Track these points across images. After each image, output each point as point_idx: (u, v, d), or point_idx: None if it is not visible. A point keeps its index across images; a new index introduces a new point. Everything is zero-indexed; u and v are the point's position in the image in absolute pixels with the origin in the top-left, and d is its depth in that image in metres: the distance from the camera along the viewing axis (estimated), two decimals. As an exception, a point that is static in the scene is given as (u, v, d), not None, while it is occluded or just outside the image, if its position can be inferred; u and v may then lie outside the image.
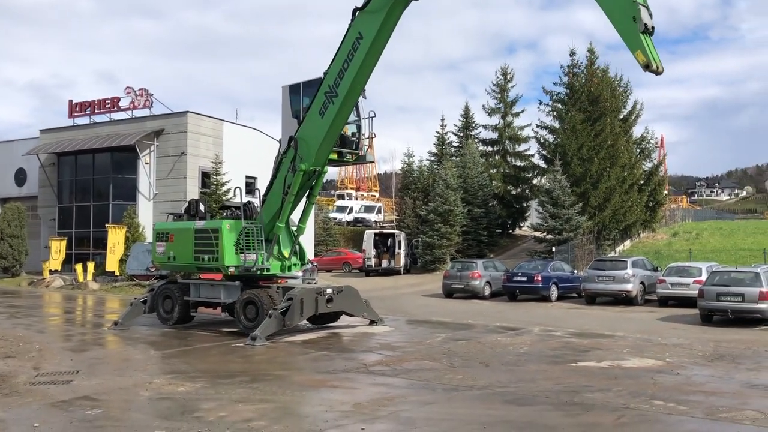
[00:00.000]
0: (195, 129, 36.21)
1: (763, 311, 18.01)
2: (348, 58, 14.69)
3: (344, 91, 14.82)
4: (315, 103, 15.40)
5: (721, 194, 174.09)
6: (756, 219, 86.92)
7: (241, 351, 14.00)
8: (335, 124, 15.37)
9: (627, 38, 11.08)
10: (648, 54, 10.87)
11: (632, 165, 40.67)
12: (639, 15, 10.81)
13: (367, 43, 14.42)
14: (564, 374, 11.46)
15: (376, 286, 31.96)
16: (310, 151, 15.62)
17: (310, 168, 15.82)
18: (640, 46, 10.91)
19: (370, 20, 14.35)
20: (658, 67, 11.01)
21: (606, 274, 24.49)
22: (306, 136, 15.68)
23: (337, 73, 14.89)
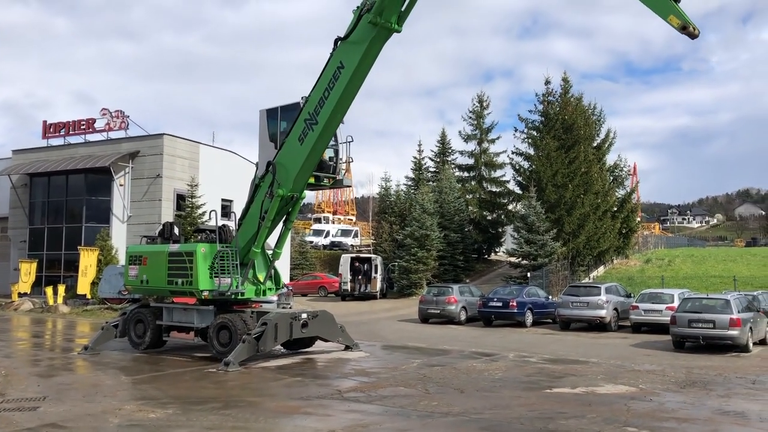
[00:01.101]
0: (171, 151, 36.00)
1: (733, 338, 18.26)
2: (329, 87, 14.66)
3: (324, 119, 14.79)
4: (294, 130, 15.38)
5: (692, 221, 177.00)
6: (726, 246, 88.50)
7: (214, 376, 13.80)
8: (314, 151, 15.34)
9: (656, 6, 10.64)
10: (682, 15, 10.42)
11: (605, 192, 41.24)
12: None
13: (348, 73, 14.40)
14: (538, 400, 11.47)
15: (352, 311, 31.80)
16: (288, 177, 15.58)
17: (288, 194, 15.78)
18: (672, 9, 10.46)
19: (352, 50, 14.34)
20: (694, 29, 10.43)
21: (580, 300, 24.69)
22: (284, 162, 15.65)
23: (318, 101, 14.86)
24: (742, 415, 10.40)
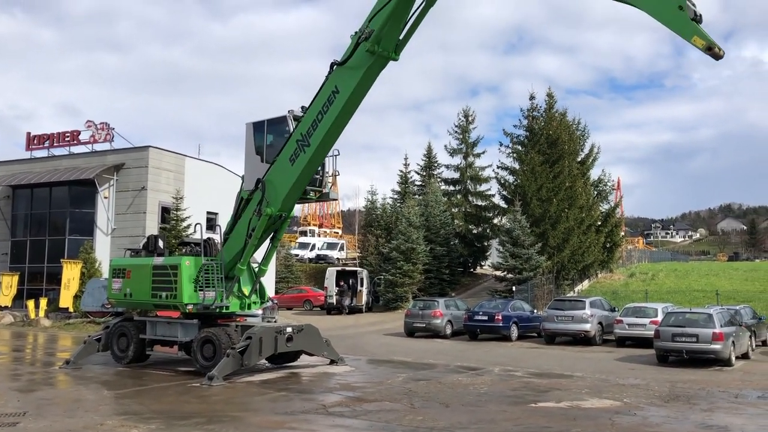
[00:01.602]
0: (156, 164, 35.83)
1: (716, 352, 18.39)
2: (323, 110, 14.57)
3: (317, 142, 14.72)
4: (286, 149, 15.29)
5: (675, 236, 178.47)
6: (709, 261, 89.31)
7: (198, 391, 13.68)
8: (305, 172, 15.30)
9: (678, 27, 10.28)
10: (706, 36, 10.05)
11: (590, 206, 41.57)
12: (684, 3, 10.19)
13: (343, 98, 14.33)
14: (524, 415, 11.48)
15: (338, 325, 31.70)
16: (277, 197, 15.51)
17: (276, 213, 15.74)
18: (696, 30, 10.10)
19: (348, 76, 14.27)
20: (719, 50, 10.06)
21: (565, 313, 24.78)
22: (274, 181, 15.55)
23: (311, 123, 14.77)
24: (725, 429, 10.47)
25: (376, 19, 13.75)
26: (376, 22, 13.72)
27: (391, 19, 13.65)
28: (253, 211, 15.80)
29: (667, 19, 10.39)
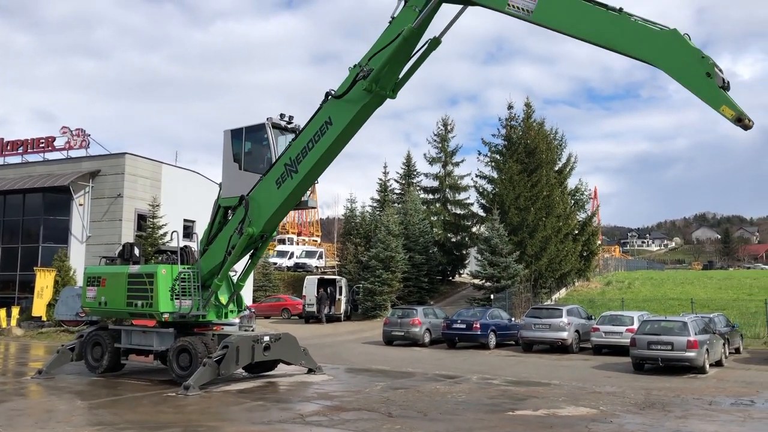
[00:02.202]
0: (132, 171, 35.48)
1: (691, 359, 18.61)
2: (314, 139, 14.42)
3: (305, 170, 14.61)
4: (273, 171, 15.14)
5: (651, 245, 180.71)
6: (684, 269, 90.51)
7: (174, 401, 13.52)
8: (291, 198, 15.24)
9: (706, 96, 9.92)
10: (735, 107, 9.71)
11: (567, 215, 41.95)
12: (712, 70, 9.85)
13: (335, 131, 14.20)
14: (501, 423, 11.51)
15: (316, 333, 31.57)
16: (260, 218, 15.36)
17: (258, 233, 15.62)
18: (725, 100, 9.76)
19: (343, 110, 14.11)
20: (749, 121, 9.74)
21: (542, 322, 24.92)
22: (259, 200, 15.37)
23: (301, 150, 14.61)
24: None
25: (376, 59, 13.56)
26: (376, 62, 13.53)
27: (391, 61, 13.51)
28: (234, 228, 15.63)
29: (694, 87, 10.04)
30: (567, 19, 11.36)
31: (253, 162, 16.09)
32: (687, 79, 10.13)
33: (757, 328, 29.07)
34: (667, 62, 10.31)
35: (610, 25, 10.85)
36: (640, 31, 10.56)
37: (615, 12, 10.84)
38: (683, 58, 10.13)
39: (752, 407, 13.49)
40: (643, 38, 10.51)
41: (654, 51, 10.43)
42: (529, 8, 11.58)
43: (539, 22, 11.59)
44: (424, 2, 13.22)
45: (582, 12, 11.10)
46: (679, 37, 10.18)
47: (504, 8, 11.91)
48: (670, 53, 10.24)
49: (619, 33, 10.77)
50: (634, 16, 10.71)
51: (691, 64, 10.03)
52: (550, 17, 11.52)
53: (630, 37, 10.66)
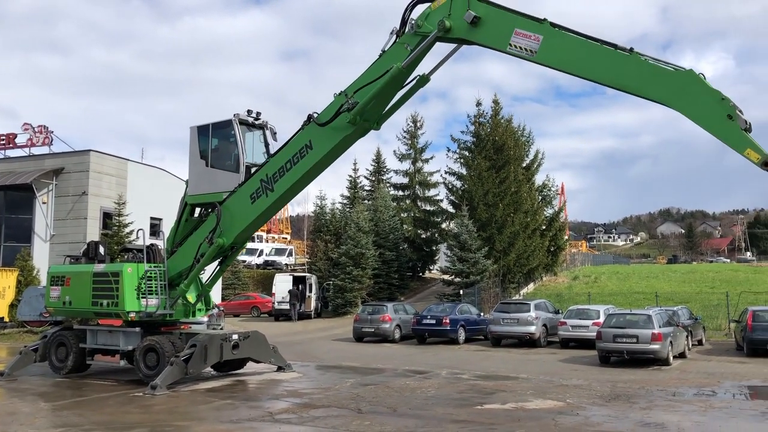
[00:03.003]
0: (97, 168, 34.86)
1: (655, 352, 18.97)
2: (293, 160, 14.13)
3: (281, 190, 14.40)
4: (249, 185, 14.90)
5: (617, 240, 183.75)
6: (649, 263, 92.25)
7: (140, 401, 13.34)
8: (264, 215, 15.11)
9: (729, 140, 9.36)
10: (761, 150, 9.12)
11: (535, 211, 42.44)
12: (734, 112, 9.29)
13: (315, 157, 13.92)
14: (470, 417, 11.60)
15: (286, 331, 31.46)
16: (232, 229, 15.14)
17: (228, 245, 15.42)
18: (749, 143, 9.19)
19: (325, 137, 13.76)
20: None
21: (510, 316, 25.18)
22: (233, 211, 15.12)
23: (278, 169, 14.33)
24: (662, 426, 10.80)
25: (362, 93, 13.10)
26: (362, 96, 13.08)
27: (377, 96, 13.06)
28: (205, 236, 15.41)
29: (716, 130, 9.48)
30: (573, 60, 10.78)
31: (220, 159, 15.93)
32: (708, 122, 9.55)
33: (718, 320, 29.79)
34: (685, 105, 9.72)
35: (620, 66, 10.27)
36: (653, 72, 10.01)
37: (625, 52, 10.23)
38: (702, 100, 9.56)
39: (714, 397, 13.81)
40: (657, 79, 9.96)
41: (670, 93, 9.86)
42: (532, 48, 10.98)
43: (544, 63, 11.00)
44: (417, 42, 12.54)
45: (589, 53, 10.56)
46: (696, 78, 9.64)
47: (505, 48, 11.30)
48: (688, 95, 9.67)
49: (630, 74, 10.20)
50: (645, 55, 10.17)
51: (712, 107, 9.46)
52: (555, 58, 10.92)
53: (643, 79, 10.10)
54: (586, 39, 10.64)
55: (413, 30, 12.60)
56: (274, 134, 16.10)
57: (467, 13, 11.60)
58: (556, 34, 10.83)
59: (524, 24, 11.10)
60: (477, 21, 11.58)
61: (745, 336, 21.77)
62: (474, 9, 11.59)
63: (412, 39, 12.64)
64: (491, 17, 11.55)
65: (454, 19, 11.91)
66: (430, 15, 12.37)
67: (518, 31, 11.09)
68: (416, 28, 12.53)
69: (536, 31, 10.94)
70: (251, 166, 15.57)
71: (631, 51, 10.18)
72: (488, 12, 11.58)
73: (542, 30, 10.90)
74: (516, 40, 11.14)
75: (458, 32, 11.96)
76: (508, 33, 11.22)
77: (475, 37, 11.83)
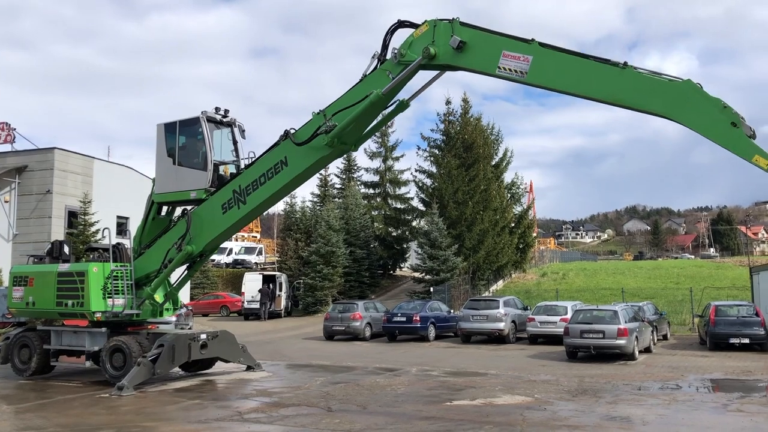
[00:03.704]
0: (62, 166, 34.22)
1: (621, 347, 19.28)
2: (267, 175, 13.94)
3: (253, 204, 14.24)
4: (221, 194, 14.72)
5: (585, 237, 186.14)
6: (616, 260, 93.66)
7: (107, 402, 13.16)
8: (235, 227, 15.01)
9: (735, 148, 9.19)
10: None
11: (504, 209, 42.82)
12: (737, 119, 9.15)
13: (290, 174, 13.74)
14: (439, 413, 11.67)
15: (256, 330, 31.27)
16: (201, 238, 14.96)
17: (197, 252, 15.25)
18: (757, 149, 9.04)
19: (301, 156, 13.55)
20: None
21: (480, 313, 25.38)
22: (203, 219, 14.91)
23: (252, 182, 14.14)
24: (627, 419, 11.00)
25: (341, 116, 12.85)
26: (341, 119, 12.84)
27: (356, 121, 12.84)
28: (173, 242, 15.21)
29: (722, 139, 9.30)
30: (566, 79, 10.53)
31: (188, 157, 15.74)
32: (712, 131, 9.37)
33: (683, 315, 30.44)
34: (687, 116, 9.51)
35: (616, 82, 10.01)
36: (650, 84, 9.80)
37: (619, 67, 10.02)
38: (704, 109, 9.36)
39: (678, 391, 14.09)
40: (655, 92, 9.74)
41: (670, 104, 9.64)
42: (522, 70, 10.70)
43: (536, 84, 10.74)
44: (399, 70, 12.20)
45: (582, 70, 10.30)
46: (696, 88, 9.45)
47: (494, 72, 11.01)
48: (689, 106, 9.46)
49: (627, 89, 9.96)
50: (640, 69, 9.99)
51: (715, 116, 9.27)
52: (547, 78, 10.66)
53: (640, 92, 9.88)
54: (577, 56, 10.45)
55: (396, 59, 12.26)
56: (243, 132, 15.97)
57: (452, 38, 11.34)
58: (546, 54, 10.59)
59: (512, 45, 10.86)
60: (463, 46, 11.33)
61: (708, 330, 22.27)
62: (459, 34, 11.36)
63: (395, 68, 12.32)
64: (477, 41, 11.31)
65: (438, 45, 11.64)
66: (414, 43, 12.06)
67: (506, 53, 10.85)
68: (399, 57, 12.19)
69: (525, 51, 10.70)
70: (219, 164, 15.45)
71: (624, 65, 9.98)
72: (473, 36, 11.33)
73: (531, 50, 10.66)
74: (505, 63, 10.88)
75: (444, 58, 11.70)
76: (495, 56, 10.98)
77: (462, 62, 11.63)
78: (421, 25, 12.07)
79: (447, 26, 11.59)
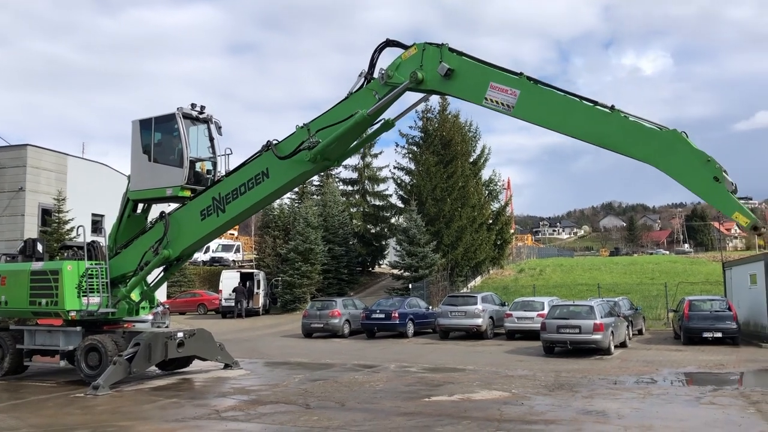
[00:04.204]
0: (35, 163, 33.69)
1: (597, 341, 19.50)
2: (248, 185, 13.76)
3: (232, 213, 14.10)
4: (200, 200, 14.56)
5: (562, 233, 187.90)
6: (592, 256, 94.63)
7: (82, 402, 13.00)
8: (213, 234, 14.94)
9: (717, 202, 9.33)
10: (749, 214, 9.20)
11: (482, 205, 43.03)
12: (720, 174, 9.13)
13: (271, 186, 13.57)
14: (417, 409, 11.71)
15: (233, 328, 31.10)
16: (179, 243, 14.82)
17: (174, 257, 15.11)
18: (737, 207, 9.14)
19: (283, 169, 13.34)
20: (764, 228, 9.37)
21: (458, 309, 25.49)
22: (181, 224, 14.76)
23: (232, 191, 13.96)
24: (602, 413, 11.13)
25: (324, 133, 12.63)
26: (324, 136, 12.62)
27: (340, 139, 12.67)
28: (150, 245, 15.04)
29: (703, 193, 9.45)
30: (553, 117, 10.47)
31: (164, 153, 15.58)
32: (694, 184, 9.44)
33: (658, 310, 30.86)
34: (670, 165, 9.53)
35: (602, 124, 10.00)
36: (636, 130, 9.79)
37: (606, 109, 9.97)
38: (688, 161, 9.36)
39: (653, 385, 14.30)
40: (640, 138, 9.74)
41: (654, 152, 9.64)
42: (509, 103, 10.59)
43: (521, 118, 10.66)
44: (386, 91, 12.02)
45: (569, 109, 10.26)
46: (681, 139, 9.44)
47: (481, 102, 10.91)
48: (673, 156, 9.47)
49: (612, 132, 9.96)
50: (627, 113, 9.95)
51: (698, 169, 9.27)
52: (533, 114, 10.60)
53: (625, 137, 9.87)
54: (565, 94, 10.37)
55: (383, 80, 12.03)
56: (219, 128, 15.85)
57: (441, 65, 11.17)
58: (533, 90, 10.53)
59: (500, 78, 10.77)
60: (451, 74, 11.18)
61: (682, 325, 22.60)
62: (447, 61, 11.20)
63: (381, 89, 12.10)
64: (465, 70, 11.16)
65: (426, 70, 11.46)
66: (401, 65, 11.86)
67: (494, 84, 10.75)
68: (386, 78, 11.98)
69: (513, 85, 10.61)
70: (195, 161, 15.32)
71: (612, 108, 9.93)
72: (462, 64, 11.19)
73: (519, 84, 10.57)
74: (492, 94, 10.77)
75: (431, 84, 11.56)
76: (483, 87, 10.87)
77: (449, 89, 11.57)
78: (410, 48, 11.89)
79: (436, 51, 11.40)
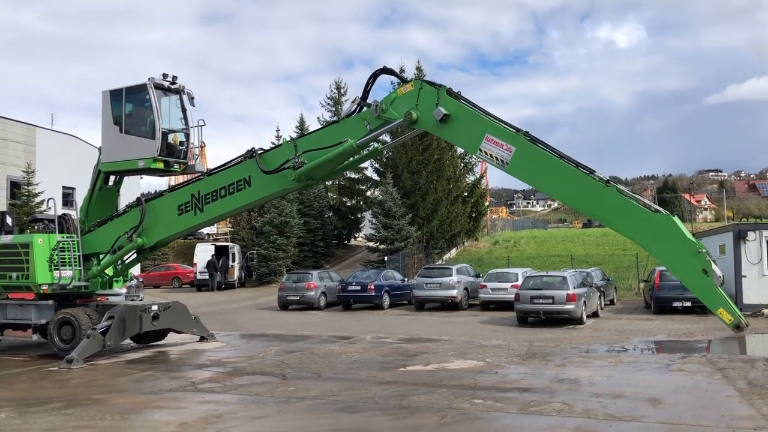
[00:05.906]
0: (2, 135, 33.01)
1: (570, 311, 19.82)
2: (228, 189, 13.49)
3: (210, 214, 13.95)
4: (178, 194, 14.36)
5: (536, 205, 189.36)
6: (566, 228, 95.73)
7: (56, 375, 12.90)
8: (189, 230, 14.87)
9: (703, 296, 9.29)
10: (734, 312, 9.10)
11: (457, 178, 43.20)
12: (709, 267, 9.05)
13: (252, 196, 13.36)
14: (393, 379, 11.83)
15: (209, 301, 31.01)
16: (153, 233, 14.62)
17: (148, 246, 14.93)
18: (722, 302, 9.09)
19: (265, 182, 13.06)
20: (746, 324, 9.18)
21: (433, 281, 25.70)
22: (158, 215, 14.55)
23: (212, 191, 13.70)
24: (574, 381, 11.35)
25: (311, 155, 12.32)
26: (311, 158, 12.31)
27: (326, 164, 12.43)
28: (125, 231, 14.80)
29: (690, 283, 9.45)
30: (547, 181, 10.33)
31: (135, 125, 15.28)
32: (682, 273, 9.46)
33: (629, 280, 31.42)
34: (661, 252, 9.55)
35: (595, 197, 9.83)
36: (629, 211, 9.62)
37: (602, 183, 9.78)
38: (679, 249, 9.29)
39: (623, 353, 14.60)
40: (633, 221, 9.60)
41: (645, 235, 9.57)
42: (503, 159, 10.34)
43: (516, 176, 10.47)
44: (378, 123, 11.77)
45: (563, 176, 10.04)
46: (674, 225, 9.35)
47: (475, 153, 10.80)
48: (665, 243, 9.39)
49: (605, 206, 9.85)
50: (622, 188, 9.86)
51: (688, 259, 9.20)
52: (527, 174, 10.41)
53: (618, 214, 9.75)
54: (561, 158, 10.11)
55: (376, 113, 11.73)
56: (192, 99, 15.56)
57: (437, 110, 10.86)
58: (530, 149, 10.26)
59: (496, 131, 10.49)
60: (446, 118, 10.89)
61: (653, 295, 23.05)
62: (444, 105, 10.89)
63: (374, 120, 11.83)
64: (462, 117, 10.86)
65: (421, 110, 11.19)
66: (396, 101, 11.57)
67: (490, 137, 10.48)
68: (380, 111, 11.68)
69: (509, 141, 10.34)
70: (168, 132, 15.05)
71: (608, 183, 9.78)
72: (459, 110, 10.88)
73: (515, 141, 10.32)
74: (487, 147, 10.50)
75: (425, 125, 11.35)
76: (478, 138, 10.58)
77: (443, 134, 11.38)
78: (407, 84, 11.65)
79: (433, 92, 11.12)
